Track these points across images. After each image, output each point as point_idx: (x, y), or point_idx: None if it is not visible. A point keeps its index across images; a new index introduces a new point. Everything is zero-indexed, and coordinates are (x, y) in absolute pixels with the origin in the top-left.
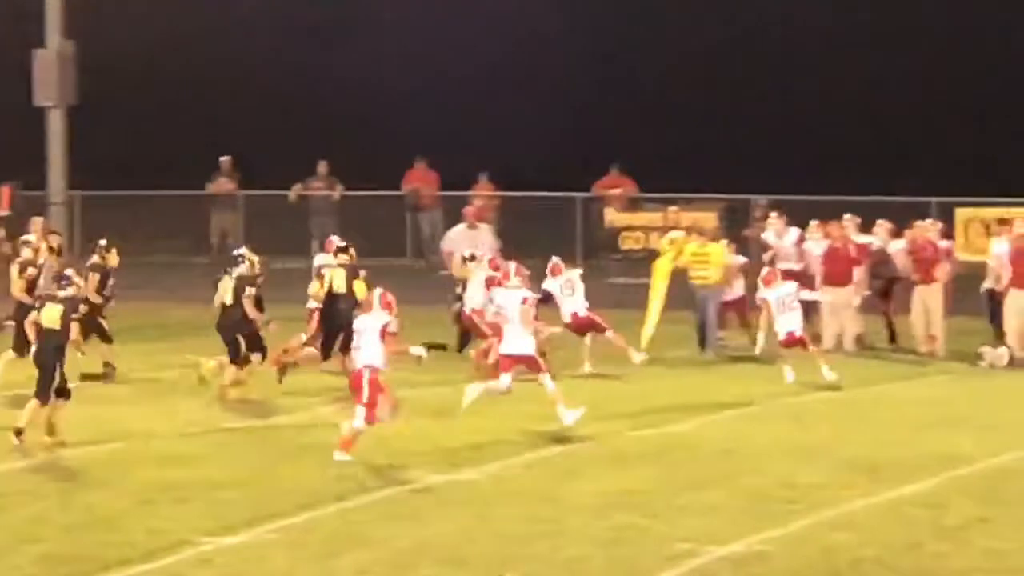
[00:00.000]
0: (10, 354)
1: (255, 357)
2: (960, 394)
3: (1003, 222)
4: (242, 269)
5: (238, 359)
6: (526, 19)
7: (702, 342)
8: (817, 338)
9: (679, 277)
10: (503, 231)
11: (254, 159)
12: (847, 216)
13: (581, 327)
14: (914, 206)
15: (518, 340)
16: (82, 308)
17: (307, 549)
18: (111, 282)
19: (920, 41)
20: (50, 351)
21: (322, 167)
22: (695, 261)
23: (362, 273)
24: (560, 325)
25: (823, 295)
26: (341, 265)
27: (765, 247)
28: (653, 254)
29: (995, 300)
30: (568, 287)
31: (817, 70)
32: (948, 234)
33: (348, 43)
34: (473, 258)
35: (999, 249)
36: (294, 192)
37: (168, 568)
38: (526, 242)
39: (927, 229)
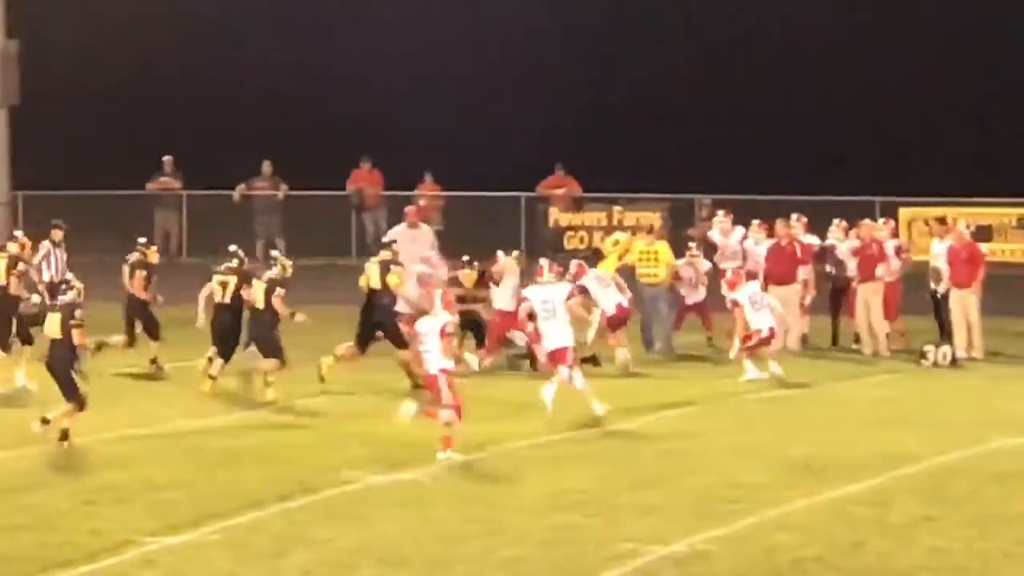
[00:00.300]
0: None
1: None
2: (905, 393)
3: (942, 222)
4: (273, 272)
5: (282, 357)
6: (467, 20)
7: (647, 341)
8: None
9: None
10: (447, 231)
11: (197, 158)
12: (795, 216)
13: (621, 319)
14: (858, 206)
15: (560, 333)
16: (79, 313)
17: (251, 549)
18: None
19: (863, 42)
20: (60, 359)
21: (266, 167)
22: (643, 260)
23: (396, 268)
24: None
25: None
26: (381, 261)
27: (712, 246)
28: (597, 254)
29: (939, 300)
30: (604, 282)
31: (762, 72)
32: (898, 233)
33: (292, 42)
34: (472, 264)
35: (938, 249)
36: (238, 192)
37: (111, 569)
38: (470, 242)
39: (875, 228)
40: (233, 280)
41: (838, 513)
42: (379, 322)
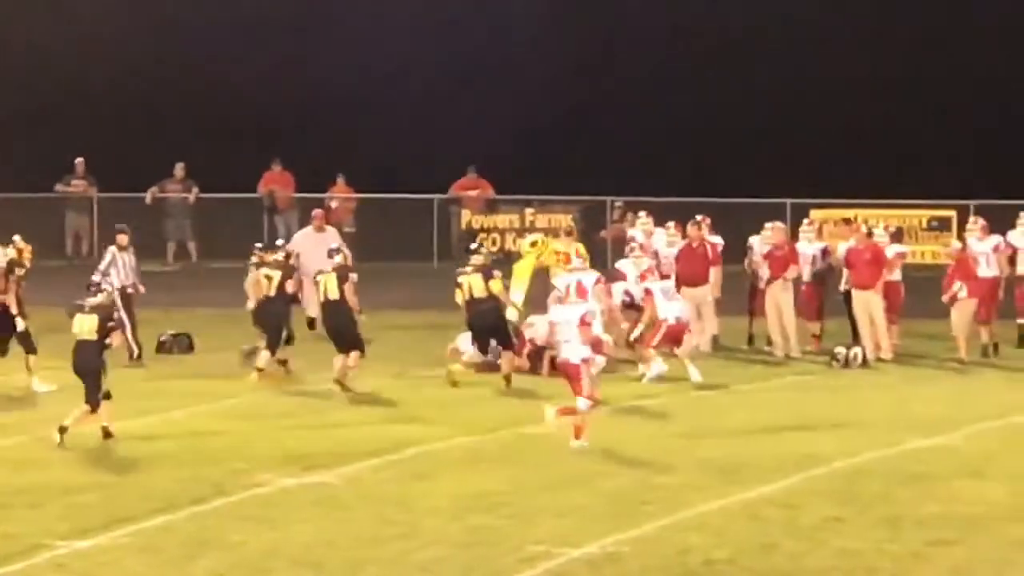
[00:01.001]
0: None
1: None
2: (816, 395)
3: (847, 222)
4: (338, 260)
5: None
6: (377, 21)
7: None
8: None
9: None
10: (359, 233)
11: (109, 160)
12: (699, 216)
13: (680, 332)
14: (769, 207)
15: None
16: (117, 316)
17: (163, 553)
18: None
19: (775, 43)
20: (90, 360)
21: (179, 169)
22: (560, 261)
23: (496, 273)
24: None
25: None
26: (476, 269)
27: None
28: (510, 256)
29: (849, 300)
30: (668, 294)
31: (674, 73)
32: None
33: (201, 45)
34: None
35: (842, 250)
36: (150, 194)
37: (22, 572)
38: (383, 244)
39: (783, 230)
40: (278, 274)
41: (750, 514)
42: (492, 327)
